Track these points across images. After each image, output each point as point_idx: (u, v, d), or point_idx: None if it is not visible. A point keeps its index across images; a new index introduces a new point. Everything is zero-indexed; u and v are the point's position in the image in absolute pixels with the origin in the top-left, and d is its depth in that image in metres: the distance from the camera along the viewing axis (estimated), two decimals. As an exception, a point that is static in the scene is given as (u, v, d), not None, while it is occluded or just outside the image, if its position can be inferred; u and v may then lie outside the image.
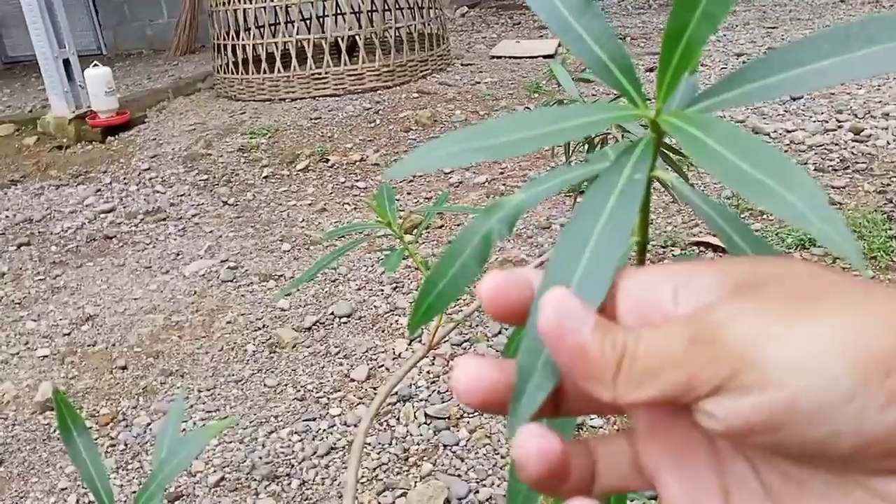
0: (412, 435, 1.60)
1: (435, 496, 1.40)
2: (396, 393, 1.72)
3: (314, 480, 1.51)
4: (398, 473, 1.50)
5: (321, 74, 4.45)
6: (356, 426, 1.65)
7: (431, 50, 4.78)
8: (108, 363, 2.00)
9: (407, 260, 2.28)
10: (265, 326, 2.09)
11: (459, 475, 1.48)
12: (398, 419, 1.65)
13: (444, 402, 1.69)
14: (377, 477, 1.50)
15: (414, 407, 1.68)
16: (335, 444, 1.60)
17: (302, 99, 4.44)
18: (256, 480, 1.52)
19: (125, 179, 3.43)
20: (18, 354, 2.09)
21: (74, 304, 2.34)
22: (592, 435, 0.27)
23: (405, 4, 4.77)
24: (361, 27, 4.56)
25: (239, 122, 4.08)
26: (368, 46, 4.54)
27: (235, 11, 4.59)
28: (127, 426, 1.74)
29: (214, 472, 1.56)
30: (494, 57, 5.13)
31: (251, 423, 1.70)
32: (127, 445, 1.67)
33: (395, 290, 2.20)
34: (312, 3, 4.64)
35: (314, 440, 1.62)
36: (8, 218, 3.12)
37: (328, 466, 1.54)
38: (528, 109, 3.53)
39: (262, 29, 4.67)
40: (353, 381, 1.81)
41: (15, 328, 2.23)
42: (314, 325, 2.07)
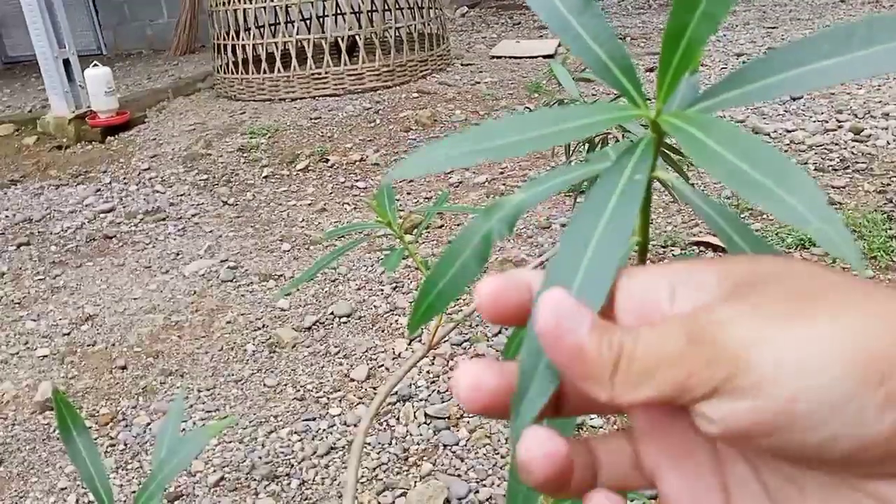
0: (412, 435, 1.60)
1: (435, 496, 1.40)
2: (396, 393, 1.72)
3: (314, 480, 1.51)
4: (398, 473, 1.50)
5: (321, 74, 4.45)
6: (356, 426, 1.65)
7: (431, 50, 4.78)
8: (107, 363, 2.00)
9: (407, 260, 2.28)
10: (265, 326, 2.09)
11: (459, 475, 1.48)
12: (398, 419, 1.65)
13: (443, 401, 1.69)
14: (377, 477, 1.50)
15: (414, 407, 1.67)
16: (335, 443, 1.60)
17: (302, 99, 4.44)
18: (256, 480, 1.52)
19: (125, 179, 3.43)
20: (18, 354, 2.09)
21: (74, 303, 2.34)
22: (592, 434, 0.26)
23: (405, 4, 4.77)
24: (361, 27, 4.56)
25: (239, 121, 4.08)
26: (368, 46, 4.54)
27: (235, 11, 4.59)
28: (127, 426, 1.74)
29: (214, 471, 1.56)
30: (494, 57, 5.13)
31: (251, 422, 1.70)
32: (127, 445, 1.67)
33: (394, 289, 2.20)
34: (312, 3, 4.64)
35: (314, 440, 1.62)
36: (8, 218, 3.12)
37: (328, 466, 1.54)
38: (528, 109, 3.53)
39: (262, 29, 4.67)
40: (352, 380, 1.81)
41: (15, 328, 2.23)
42: (314, 324, 2.07)
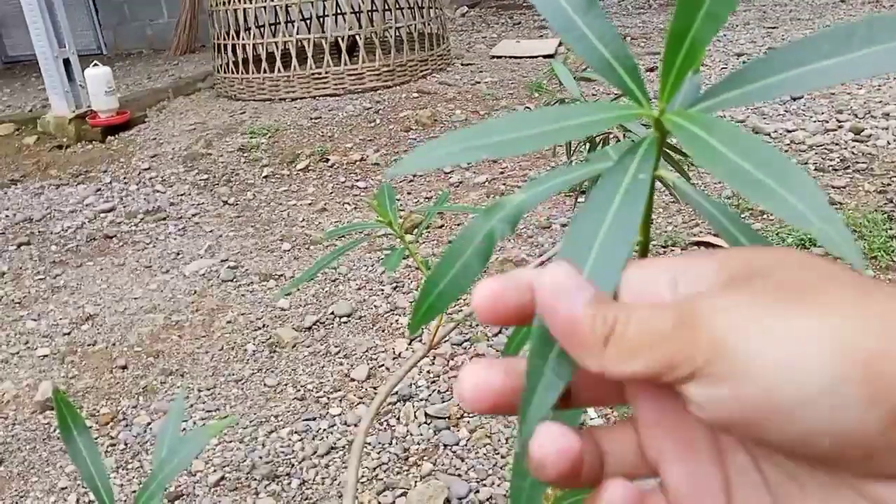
0: (412, 434, 1.60)
1: (435, 496, 1.40)
2: (397, 392, 1.72)
3: (314, 480, 1.51)
4: (398, 473, 1.50)
5: (321, 74, 4.45)
6: (356, 426, 1.65)
7: (431, 50, 4.78)
8: (108, 363, 2.00)
9: (407, 259, 2.28)
10: (265, 326, 2.09)
11: (459, 475, 1.48)
12: (398, 419, 1.65)
13: (444, 401, 1.69)
14: (377, 476, 1.50)
15: (414, 406, 1.68)
16: (335, 443, 1.60)
17: (302, 98, 4.44)
18: (256, 480, 1.52)
19: (125, 179, 3.43)
20: (18, 354, 2.09)
21: (74, 303, 2.34)
22: (598, 426, 0.27)
23: (405, 4, 4.76)
24: (361, 27, 4.56)
25: (239, 121, 4.08)
26: (368, 46, 4.54)
27: (235, 11, 4.59)
28: (127, 426, 1.74)
29: (214, 471, 1.56)
30: (494, 57, 5.13)
31: (251, 422, 1.70)
32: (127, 445, 1.67)
33: (395, 289, 2.20)
34: (312, 2, 4.64)
35: (314, 440, 1.62)
36: (8, 217, 3.12)
37: (328, 466, 1.54)
38: (528, 109, 3.53)
39: (262, 29, 4.67)
40: (353, 380, 1.81)
41: (15, 328, 2.23)
42: (314, 324, 2.06)
